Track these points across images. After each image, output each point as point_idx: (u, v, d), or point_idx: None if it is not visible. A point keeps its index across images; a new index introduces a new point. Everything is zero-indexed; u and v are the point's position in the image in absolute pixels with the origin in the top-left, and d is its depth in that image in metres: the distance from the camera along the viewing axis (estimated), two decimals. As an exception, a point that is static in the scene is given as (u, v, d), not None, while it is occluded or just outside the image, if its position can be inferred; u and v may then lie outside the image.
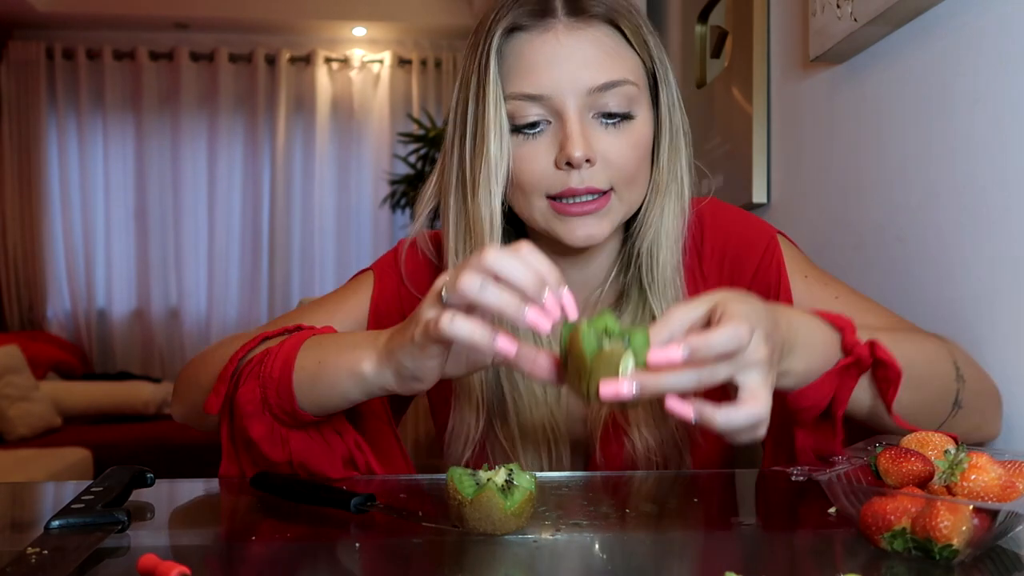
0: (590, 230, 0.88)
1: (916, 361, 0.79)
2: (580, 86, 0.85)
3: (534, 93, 0.85)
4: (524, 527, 0.63)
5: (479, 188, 0.88)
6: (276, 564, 0.60)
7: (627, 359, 0.62)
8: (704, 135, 1.85)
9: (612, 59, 0.86)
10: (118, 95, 5.41)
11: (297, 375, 0.79)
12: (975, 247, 0.97)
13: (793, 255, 1.00)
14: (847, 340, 0.75)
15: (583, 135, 0.85)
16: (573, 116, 0.85)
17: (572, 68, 0.85)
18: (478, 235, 0.90)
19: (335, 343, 0.81)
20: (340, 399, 0.79)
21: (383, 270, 1.04)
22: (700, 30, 1.94)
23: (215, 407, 0.82)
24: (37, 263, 5.31)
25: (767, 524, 0.73)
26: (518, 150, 0.87)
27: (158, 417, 4.65)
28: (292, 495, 0.74)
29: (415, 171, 4.82)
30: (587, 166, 0.85)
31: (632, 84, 0.87)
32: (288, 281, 5.57)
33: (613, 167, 0.87)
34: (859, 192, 1.24)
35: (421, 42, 5.66)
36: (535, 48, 0.86)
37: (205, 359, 0.92)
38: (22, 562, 0.53)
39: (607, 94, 0.86)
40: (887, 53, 1.16)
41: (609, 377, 0.61)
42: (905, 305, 1.12)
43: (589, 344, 0.63)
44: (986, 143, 0.95)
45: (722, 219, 1.00)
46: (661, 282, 0.93)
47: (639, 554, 0.62)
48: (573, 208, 0.87)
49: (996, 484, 0.56)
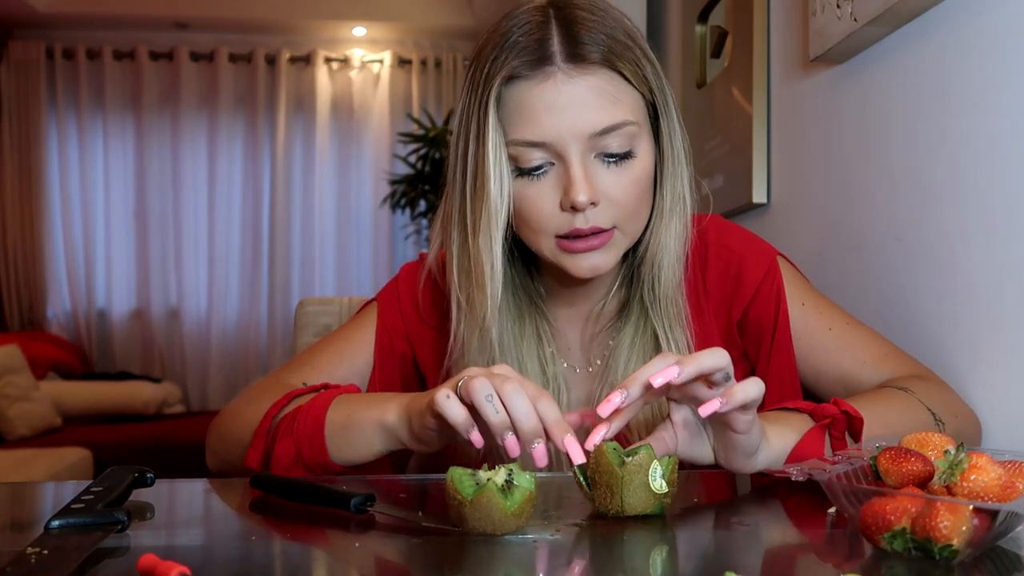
0: (595, 263, 0.91)
1: (890, 417, 0.84)
2: (581, 132, 0.86)
3: (536, 140, 0.87)
4: (524, 527, 0.63)
5: (480, 231, 0.90)
6: (276, 564, 0.60)
7: (655, 464, 0.68)
8: (704, 135, 1.85)
9: (612, 103, 0.87)
10: (118, 95, 5.42)
11: (328, 428, 0.85)
12: (974, 247, 0.97)
13: (793, 279, 1.02)
14: (816, 411, 0.82)
15: (586, 179, 0.86)
16: (575, 161, 0.86)
17: (572, 115, 0.85)
18: (478, 278, 0.92)
19: (363, 399, 0.88)
20: (366, 450, 0.85)
21: (386, 300, 1.08)
22: (700, 30, 1.94)
23: (255, 463, 0.88)
24: (37, 263, 5.31)
25: (767, 524, 0.73)
26: (523, 191, 0.89)
27: (158, 417, 4.66)
28: (292, 495, 0.74)
29: (415, 171, 4.82)
30: (591, 208, 0.87)
31: (633, 124, 0.88)
32: (288, 281, 5.57)
33: (616, 205, 0.89)
34: (859, 192, 1.24)
35: (421, 42, 5.66)
36: (535, 96, 0.86)
37: (236, 416, 0.98)
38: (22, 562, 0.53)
39: (608, 136, 0.87)
40: (887, 53, 1.16)
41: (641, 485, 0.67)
42: (904, 305, 1.12)
43: (615, 460, 0.68)
44: (986, 143, 0.95)
45: (726, 237, 1.02)
46: (663, 300, 0.95)
47: (639, 554, 0.62)
48: (579, 245, 0.89)
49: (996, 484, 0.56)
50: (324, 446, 0.84)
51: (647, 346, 0.97)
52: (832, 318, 1.00)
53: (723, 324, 1.01)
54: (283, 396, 0.91)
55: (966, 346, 0.99)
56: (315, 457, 0.85)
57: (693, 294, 0.99)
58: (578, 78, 0.86)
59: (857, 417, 0.81)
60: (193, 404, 5.46)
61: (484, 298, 0.92)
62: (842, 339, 0.99)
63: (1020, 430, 0.91)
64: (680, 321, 0.95)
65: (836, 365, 0.98)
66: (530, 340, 0.99)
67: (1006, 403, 0.92)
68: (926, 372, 0.97)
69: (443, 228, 0.96)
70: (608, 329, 1.00)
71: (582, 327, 1.02)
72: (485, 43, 0.90)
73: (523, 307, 1.00)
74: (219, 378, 5.53)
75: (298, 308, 1.41)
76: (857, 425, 0.81)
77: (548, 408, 0.73)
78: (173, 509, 0.81)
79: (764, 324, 0.99)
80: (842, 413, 0.81)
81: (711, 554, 0.64)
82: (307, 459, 0.85)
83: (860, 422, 0.81)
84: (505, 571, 0.58)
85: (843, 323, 1.00)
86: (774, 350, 0.98)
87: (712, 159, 1.80)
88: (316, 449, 0.85)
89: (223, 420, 1.01)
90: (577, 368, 1.02)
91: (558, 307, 1.02)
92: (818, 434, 0.80)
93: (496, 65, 0.87)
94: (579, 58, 0.86)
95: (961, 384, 0.99)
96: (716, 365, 0.71)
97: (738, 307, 1.00)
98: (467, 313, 0.94)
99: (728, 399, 0.69)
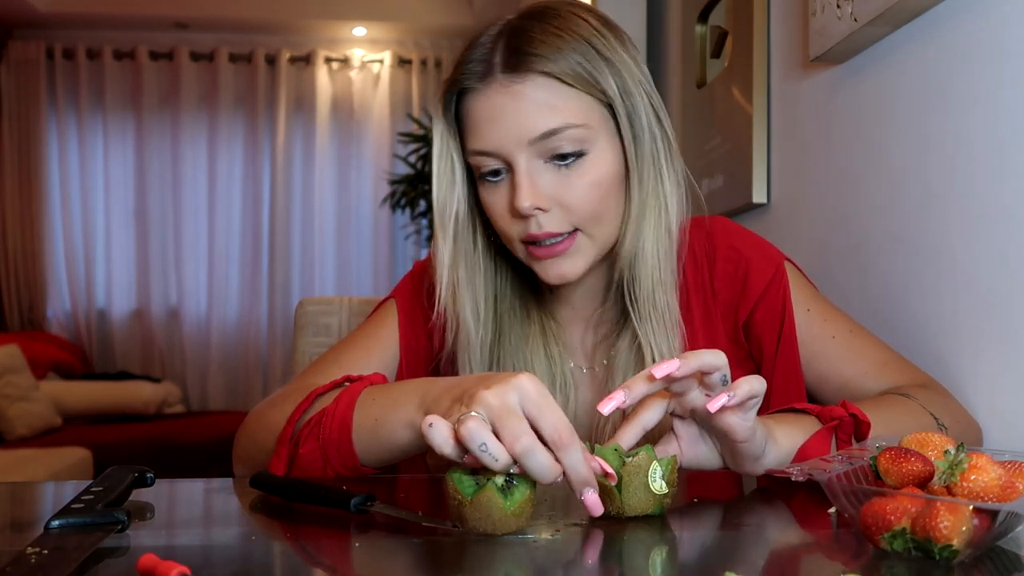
0: (561, 270, 0.92)
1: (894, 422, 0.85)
2: (519, 138, 0.88)
3: (483, 149, 0.90)
4: (524, 527, 0.63)
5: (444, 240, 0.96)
6: (276, 564, 0.60)
7: (654, 465, 0.68)
8: (704, 135, 1.85)
9: (549, 109, 0.88)
10: (118, 95, 5.42)
11: (356, 432, 0.81)
12: (974, 247, 0.97)
13: (799, 284, 1.02)
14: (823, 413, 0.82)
15: (530, 185, 0.89)
16: (521, 168, 0.89)
17: (509, 124, 0.88)
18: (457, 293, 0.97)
19: (388, 397, 0.81)
20: (400, 452, 0.81)
21: (404, 295, 1.07)
22: (700, 30, 1.94)
23: (280, 470, 0.85)
24: (37, 263, 5.31)
25: (767, 524, 0.73)
26: (486, 198, 0.94)
27: (158, 417, 4.66)
28: (292, 495, 0.74)
29: (415, 171, 4.82)
30: (540, 213, 0.89)
31: (577, 127, 0.88)
32: (288, 281, 5.57)
33: (571, 208, 0.90)
34: (858, 192, 1.24)
35: (421, 42, 5.66)
36: (479, 106, 0.90)
37: (261, 421, 0.94)
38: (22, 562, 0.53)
39: (551, 140, 0.88)
40: (887, 53, 1.16)
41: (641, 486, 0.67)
42: (904, 305, 1.12)
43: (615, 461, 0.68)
44: (985, 143, 0.95)
45: (735, 238, 1.02)
46: (642, 303, 0.94)
47: (639, 554, 0.62)
48: (541, 251, 0.91)
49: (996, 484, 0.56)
50: (353, 451, 0.81)
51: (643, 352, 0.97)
52: (836, 325, 1.00)
53: (729, 326, 1.01)
54: (305, 398, 0.87)
55: (966, 346, 0.99)
56: (344, 461, 0.82)
57: (700, 295, 0.99)
58: (513, 87, 0.88)
59: (864, 421, 0.81)
60: (193, 404, 5.47)
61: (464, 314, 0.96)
62: (846, 347, 0.99)
63: (1020, 430, 0.91)
64: (664, 324, 0.94)
65: (839, 372, 0.98)
66: (536, 339, 0.99)
67: (1006, 403, 0.92)
68: (928, 380, 0.98)
69: None
70: (611, 335, 1.01)
71: (583, 329, 1.03)
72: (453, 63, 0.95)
73: (529, 306, 1.01)
74: (219, 378, 5.53)
75: (298, 308, 1.41)
76: (864, 429, 0.81)
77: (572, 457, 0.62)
78: (173, 509, 0.81)
79: (770, 327, 0.99)
80: (849, 416, 0.81)
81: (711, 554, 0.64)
82: (335, 464, 0.82)
83: (867, 426, 0.81)
84: (505, 571, 0.58)
85: (847, 331, 1.00)
86: (779, 353, 0.98)
87: (712, 159, 1.80)
88: (345, 454, 0.82)
89: (247, 427, 0.98)
90: (584, 368, 1.02)
91: (559, 307, 1.03)
92: (825, 436, 0.80)
93: (451, 78, 0.93)
94: (516, 67, 0.88)
95: (961, 384, 0.99)
96: (715, 363, 0.71)
97: (744, 309, 1.00)
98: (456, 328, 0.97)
99: (735, 392, 0.70)
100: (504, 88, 0.88)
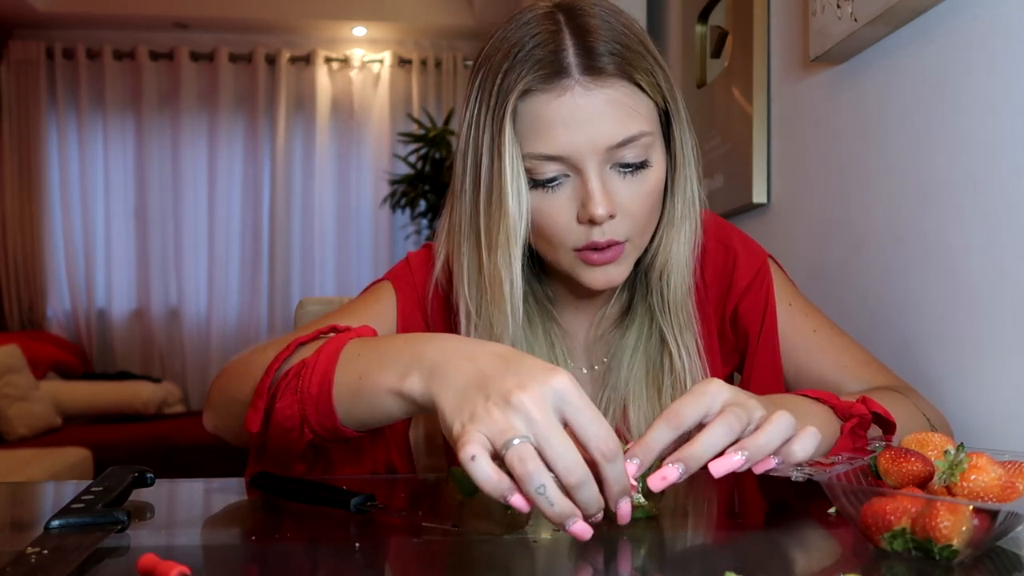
0: (610, 276, 0.90)
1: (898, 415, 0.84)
2: (599, 145, 0.84)
3: (553, 154, 0.84)
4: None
5: (498, 248, 0.87)
6: (276, 564, 0.60)
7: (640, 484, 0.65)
8: (704, 135, 1.85)
9: (629, 115, 0.85)
10: (118, 95, 5.41)
11: (337, 390, 0.73)
12: (974, 247, 0.97)
13: (783, 282, 1.04)
14: (840, 407, 0.80)
15: (604, 192, 0.84)
16: (593, 175, 0.84)
17: (590, 129, 0.83)
18: (496, 295, 0.90)
19: (375, 351, 0.73)
20: (384, 417, 0.73)
21: (400, 279, 1.02)
22: (700, 30, 1.94)
23: (255, 424, 0.78)
24: (37, 263, 5.31)
25: (767, 524, 0.73)
26: (539, 204, 0.87)
27: (158, 417, 4.65)
28: (292, 495, 0.74)
29: (415, 171, 4.82)
30: (609, 220, 0.86)
31: (648, 134, 0.86)
32: (288, 281, 5.57)
33: (631, 217, 0.87)
34: (859, 192, 1.24)
35: (421, 42, 5.65)
36: (552, 110, 0.83)
37: (239, 368, 0.87)
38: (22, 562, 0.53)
39: (624, 148, 0.85)
40: (887, 53, 1.16)
41: None
42: (904, 305, 1.12)
43: None
44: (985, 143, 0.95)
45: (724, 234, 1.03)
46: (673, 306, 0.95)
47: (639, 554, 0.62)
48: (596, 258, 0.88)
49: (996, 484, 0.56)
50: (332, 409, 0.73)
51: (651, 350, 0.97)
52: (817, 322, 1.02)
53: (718, 319, 1.02)
54: (286, 346, 0.80)
55: (966, 346, 0.99)
56: (323, 421, 0.75)
57: (695, 290, 1.00)
58: (596, 91, 0.83)
59: (891, 422, 0.80)
60: (193, 404, 5.46)
61: (503, 317, 0.90)
62: (826, 342, 1.01)
63: (1020, 430, 0.91)
64: (691, 327, 0.96)
65: (817, 366, 1.00)
66: (542, 343, 0.98)
67: (1006, 403, 0.92)
68: (905, 384, 1.00)
69: (450, 239, 0.94)
70: (611, 331, 1.01)
71: (587, 329, 1.03)
72: (493, 50, 0.87)
73: (533, 311, 0.99)
74: (219, 378, 5.52)
75: (298, 308, 1.41)
76: (891, 429, 0.80)
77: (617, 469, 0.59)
78: (173, 509, 0.81)
79: (752, 319, 1.00)
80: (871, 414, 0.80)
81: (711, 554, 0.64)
82: (313, 422, 0.75)
83: (893, 426, 0.80)
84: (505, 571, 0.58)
85: (828, 328, 1.02)
86: (760, 345, 1.00)
87: (712, 159, 1.80)
88: (323, 412, 0.74)
89: (225, 373, 0.89)
90: (584, 369, 1.02)
91: (565, 309, 1.03)
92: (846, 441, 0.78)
93: (511, 77, 0.84)
94: (596, 70, 0.83)
95: (960, 384, 0.99)
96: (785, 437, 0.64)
97: (731, 302, 1.01)
98: (477, 325, 0.92)
99: (786, 459, 0.64)
100: (585, 91, 0.83)
